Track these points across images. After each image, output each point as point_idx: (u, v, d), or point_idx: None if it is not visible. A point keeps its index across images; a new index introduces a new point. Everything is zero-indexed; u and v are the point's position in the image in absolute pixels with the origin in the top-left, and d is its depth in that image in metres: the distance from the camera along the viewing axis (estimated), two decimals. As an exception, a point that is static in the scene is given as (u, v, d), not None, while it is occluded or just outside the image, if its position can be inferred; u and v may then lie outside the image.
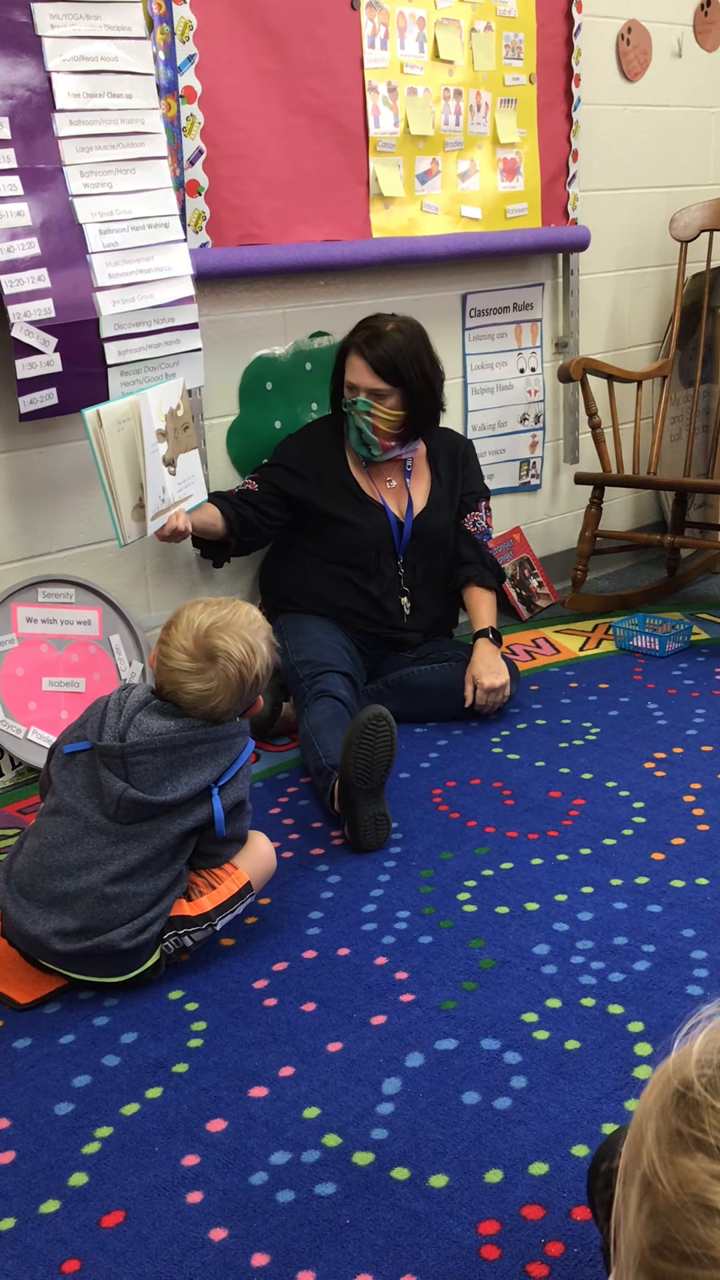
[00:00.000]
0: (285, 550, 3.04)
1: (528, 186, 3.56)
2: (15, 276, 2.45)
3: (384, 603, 2.99)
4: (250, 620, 2.04)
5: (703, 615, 3.70)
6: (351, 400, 2.88)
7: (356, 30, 3.04)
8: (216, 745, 2.00)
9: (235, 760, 2.02)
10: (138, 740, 1.94)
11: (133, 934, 1.92)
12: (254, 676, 2.01)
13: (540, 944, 2.04)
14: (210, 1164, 1.59)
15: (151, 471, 2.55)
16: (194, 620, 2.00)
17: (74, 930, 1.91)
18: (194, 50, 2.72)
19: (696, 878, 2.22)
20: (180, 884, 2.01)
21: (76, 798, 1.96)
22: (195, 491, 2.76)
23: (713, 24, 4.17)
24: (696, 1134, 0.57)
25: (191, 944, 2.01)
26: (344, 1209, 1.50)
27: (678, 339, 3.94)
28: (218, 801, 1.99)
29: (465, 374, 3.65)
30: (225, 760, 2.00)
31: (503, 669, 2.92)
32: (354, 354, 2.88)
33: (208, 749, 1.99)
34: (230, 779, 2.01)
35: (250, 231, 2.92)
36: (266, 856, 2.14)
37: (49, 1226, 1.51)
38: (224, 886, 2.05)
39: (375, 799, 2.40)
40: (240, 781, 2.04)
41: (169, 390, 2.62)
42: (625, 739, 2.84)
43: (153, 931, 1.95)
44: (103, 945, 1.91)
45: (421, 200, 3.29)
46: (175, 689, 1.99)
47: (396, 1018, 1.87)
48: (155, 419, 2.56)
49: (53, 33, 2.48)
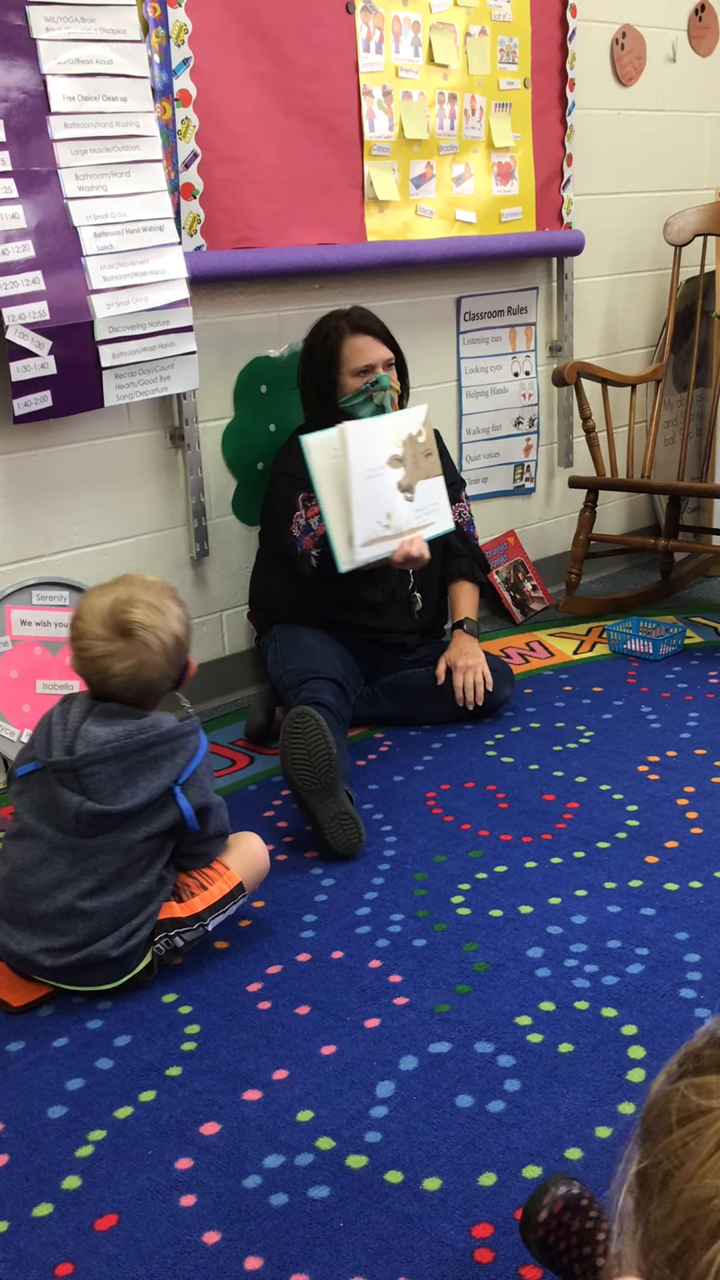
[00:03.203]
0: (274, 562, 3.00)
1: (522, 190, 3.56)
2: (10, 279, 2.45)
3: (391, 602, 2.96)
4: (148, 586, 2.00)
5: (697, 619, 3.71)
6: (372, 381, 2.86)
7: (351, 34, 3.05)
8: (171, 746, 1.96)
9: (192, 758, 1.98)
10: (87, 751, 1.90)
11: (120, 942, 1.91)
12: (172, 637, 1.97)
13: (534, 947, 2.05)
14: (204, 1167, 1.59)
15: (361, 498, 2.60)
16: (95, 605, 1.97)
17: (61, 947, 1.91)
18: (189, 53, 2.73)
19: (690, 881, 2.23)
20: (165, 887, 2.00)
21: (37, 819, 1.94)
22: (438, 520, 2.80)
23: (707, 29, 4.18)
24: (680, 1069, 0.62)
25: (183, 944, 2.00)
26: (337, 1212, 1.50)
27: (672, 343, 3.95)
28: (183, 800, 1.96)
29: (459, 377, 3.65)
30: (181, 760, 1.97)
31: (477, 653, 2.93)
32: (354, 335, 2.86)
33: (162, 750, 1.95)
34: (190, 777, 1.97)
35: (245, 235, 2.93)
36: (259, 856, 2.13)
37: (42, 1230, 1.51)
38: (215, 887, 2.04)
39: (332, 798, 2.35)
40: (201, 779, 2.00)
41: (411, 416, 2.69)
42: (619, 742, 2.84)
43: (140, 936, 1.94)
44: (91, 956, 1.90)
45: (416, 204, 3.30)
46: (102, 677, 1.95)
47: (390, 1021, 1.87)
48: (390, 445, 2.64)
49: (48, 35, 2.49)
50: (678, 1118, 0.59)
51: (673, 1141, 0.59)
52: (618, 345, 4.15)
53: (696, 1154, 0.57)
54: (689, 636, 3.52)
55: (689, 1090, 0.60)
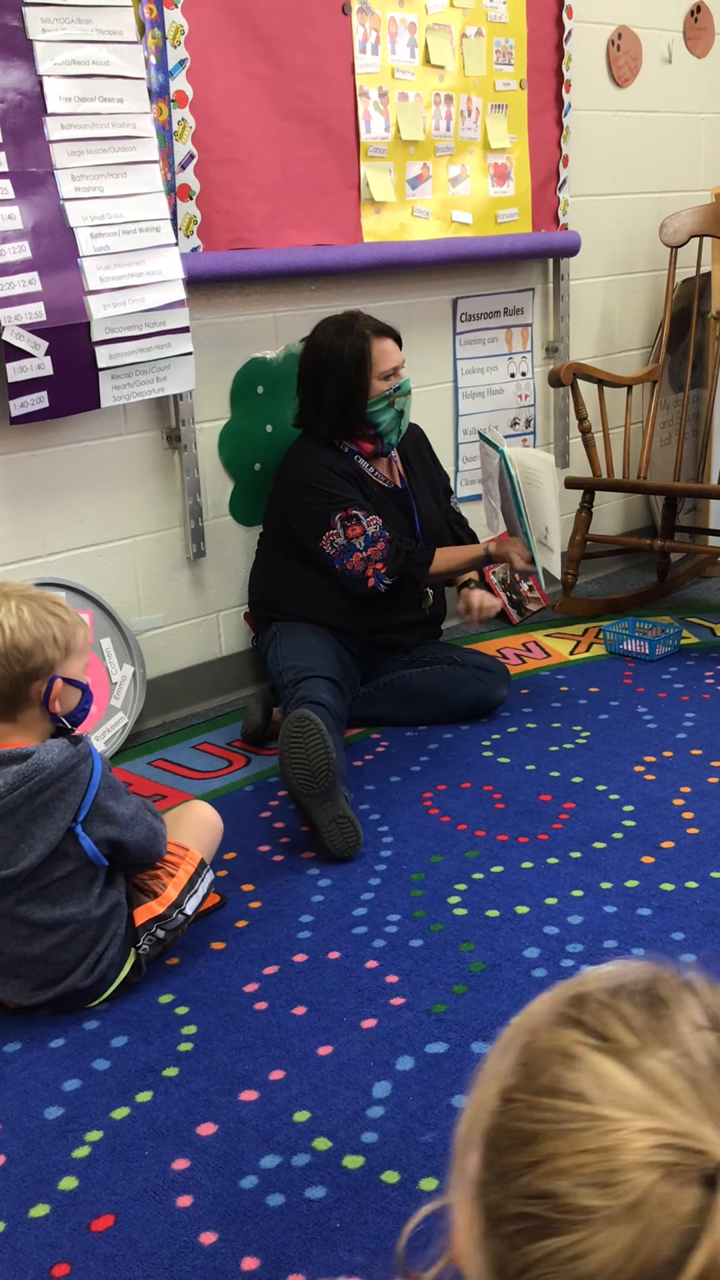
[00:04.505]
0: (274, 562, 3.01)
1: (518, 191, 3.56)
2: (6, 280, 2.45)
3: (400, 597, 2.95)
4: (9, 587, 1.88)
5: (692, 619, 3.71)
6: (395, 386, 2.88)
7: (348, 35, 3.05)
8: (59, 786, 1.82)
9: (86, 790, 1.84)
10: None
11: (89, 971, 1.90)
12: (2, 628, 1.82)
13: (530, 947, 2.05)
14: (200, 1168, 1.59)
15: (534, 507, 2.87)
16: None
17: (34, 987, 1.90)
18: (185, 55, 2.73)
19: (686, 881, 2.23)
20: (120, 906, 1.94)
21: None
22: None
23: (703, 30, 4.19)
24: (578, 1016, 0.61)
25: (165, 935, 1.98)
26: (334, 1212, 1.50)
27: (668, 344, 3.95)
28: (85, 840, 1.85)
29: (456, 378, 3.66)
30: (74, 797, 1.83)
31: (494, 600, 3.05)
32: (379, 339, 2.86)
33: (50, 794, 1.82)
34: (89, 811, 1.85)
35: (241, 236, 2.93)
36: (208, 822, 2.12)
37: (39, 1231, 1.51)
38: (181, 870, 2.02)
39: (331, 802, 2.35)
40: (103, 806, 1.87)
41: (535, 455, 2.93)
42: (615, 743, 2.85)
43: (110, 957, 1.91)
44: (65, 990, 1.89)
45: (412, 205, 3.30)
46: None
47: (387, 1021, 1.87)
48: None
49: (44, 37, 2.49)
50: (569, 1090, 0.58)
51: (557, 1106, 0.58)
52: (614, 346, 4.16)
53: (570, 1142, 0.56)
54: (685, 637, 3.52)
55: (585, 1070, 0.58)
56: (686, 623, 3.67)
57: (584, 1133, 0.56)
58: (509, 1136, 0.59)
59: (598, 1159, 0.55)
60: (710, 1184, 0.53)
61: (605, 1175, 0.54)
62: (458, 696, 2.95)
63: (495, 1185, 0.59)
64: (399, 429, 2.93)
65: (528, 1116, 0.58)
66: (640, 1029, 0.59)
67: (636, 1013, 0.60)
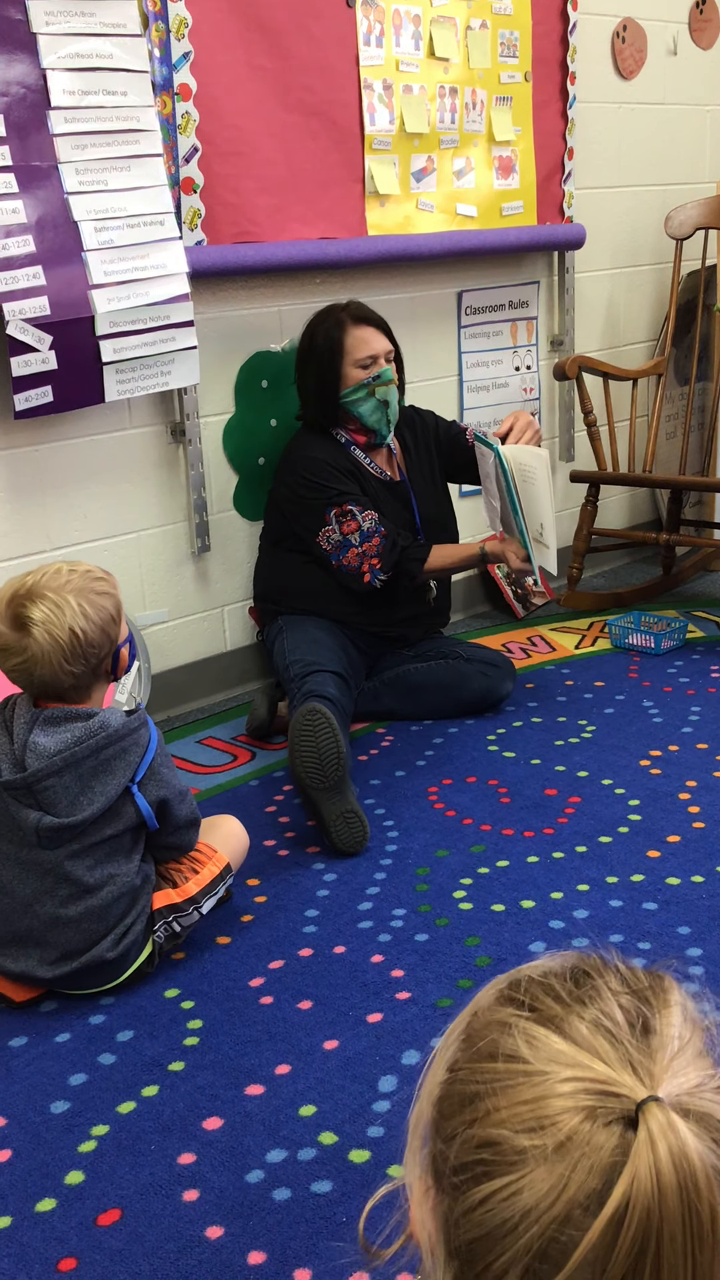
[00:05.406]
0: (277, 556, 3.01)
1: (523, 184, 3.56)
2: (10, 274, 2.44)
3: (398, 592, 2.95)
4: (60, 580, 1.88)
5: (698, 613, 3.70)
6: (375, 375, 2.85)
7: (352, 28, 3.04)
8: (121, 745, 1.91)
9: (144, 753, 1.93)
10: (39, 767, 1.85)
11: (116, 942, 1.91)
12: (74, 631, 1.85)
13: (536, 941, 2.05)
14: (206, 1162, 1.59)
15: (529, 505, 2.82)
16: (3, 594, 1.89)
17: (57, 957, 1.91)
18: (189, 47, 2.72)
19: (692, 875, 2.23)
20: (149, 881, 1.99)
21: (2, 836, 1.91)
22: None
23: (708, 22, 4.17)
24: (513, 994, 0.68)
25: (180, 929, 2.00)
26: (340, 1207, 1.50)
27: (673, 337, 3.94)
28: (141, 798, 1.92)
29: (460, 371, 3.65)
30: (134, 757, 1.92)
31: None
32: (356, 326, 2.85)
33: (113, 751, 1.90)
34: (146, 773, 1.93)
35: (246, 229, 2.92)
36: (240, 836, 2.18)
37: (45, 1225, 1.51)
38: (205, 870, 2.06)
39: (339, 796, 2.36)
40: (159, 771, 1.95)
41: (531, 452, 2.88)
42: (621, 737, 2.84)
43: (135, 932, 1.94)
44: (90, 961, 1.90)
45: (417, 198, 3.29)
46: (16, 674, 1.89)
47: (393, 1016, 1.87)
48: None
49: (48, 30, 2.48)
50: (505, 1052, 0.65)
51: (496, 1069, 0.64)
52: (619, 339, 4.15)
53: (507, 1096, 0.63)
54: (690, 631, 3.52)
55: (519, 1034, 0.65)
56: (692, 616, 3.66)
57: (519, 1087, 0.63)
58: (454, 1101, 0.66)
59: (530, 1108, 0.62)
60: (630, 1124, 0.60)
61: (536, 1120, 0.61)
62: (463, 691, 2.95)
63: (443, 1146, 0.65)
64: (387, 419, 2.90)
65: (470, 1079, 0.65)
66: (566, 998, 0.67)
67: (563, 986, 0.68)
